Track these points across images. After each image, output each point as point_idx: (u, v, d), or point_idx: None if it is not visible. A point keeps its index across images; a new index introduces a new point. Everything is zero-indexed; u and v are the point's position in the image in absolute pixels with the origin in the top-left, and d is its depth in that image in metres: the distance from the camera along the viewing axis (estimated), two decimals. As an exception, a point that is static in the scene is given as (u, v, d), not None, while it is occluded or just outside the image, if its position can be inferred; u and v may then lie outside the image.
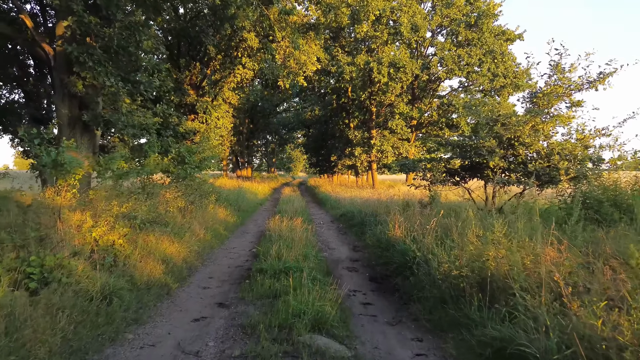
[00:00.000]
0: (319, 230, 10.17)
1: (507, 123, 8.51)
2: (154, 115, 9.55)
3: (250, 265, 6.25)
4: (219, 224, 9.66)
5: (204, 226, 8.89)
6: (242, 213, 13.01)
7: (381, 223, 8.50)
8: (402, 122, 19.43)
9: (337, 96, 25.70)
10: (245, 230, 10.05)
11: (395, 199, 13.40)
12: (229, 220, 10.75)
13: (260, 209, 15.63)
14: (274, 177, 46.33)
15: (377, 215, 9.44)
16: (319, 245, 8.02)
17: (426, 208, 8.48)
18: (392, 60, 17.35)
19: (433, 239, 5.63)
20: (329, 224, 11.54)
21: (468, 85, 21.28)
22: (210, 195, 11.12)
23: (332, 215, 13.58)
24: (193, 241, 7.30)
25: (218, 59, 19.58)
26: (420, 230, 6.47)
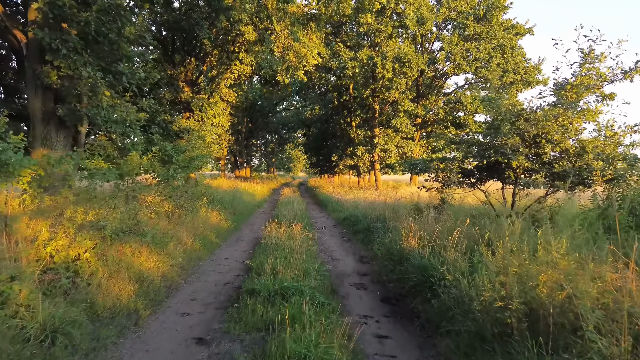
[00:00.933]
0: (321, 237, 9.26)
1: (531, 118, 7.61)
2: (139, 111, 8.65)
3: (241, 282, 5.34)
4: (211, 230, 8.75)
5: (193, 233, 7.98)
6: (238, 217, 12.10)
7: (391, 230, 7.59)
8: (406, 120, 18.53)
9: (338, 94, 24.80)
10: (240, 237, 9.14)
11: (402, 202, 12.51)
12: (222, 225, 9.84)
13: (258, 211, 14.72)
14: (273, 178, 45.42)
15: (385, 220, 8.54)
16: (321, 256, 7.11)
17: (442, 214, 7.56)
18: (397, 55, 16.44)
19: (459, 253, 4.72)
20: (331, 229, 10.63)
21: (475, 82, 20.38)
22: (201, 198, 10.21)
23: (334, 218, 12.67)
24: (178, 252, 6.39)
25: (214, 54, 18.70)
26: (440, 240, 5.56)
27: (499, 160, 8.18)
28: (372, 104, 20.60)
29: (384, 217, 9.12)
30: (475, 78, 20.30)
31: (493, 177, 8.75)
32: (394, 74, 16.83)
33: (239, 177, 35.10)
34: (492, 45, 17.14)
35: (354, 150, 21.92)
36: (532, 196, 8.42)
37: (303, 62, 13.70)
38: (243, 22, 14.39)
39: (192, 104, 18.04)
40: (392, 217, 8.83)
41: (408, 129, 18.40)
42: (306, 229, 8.79)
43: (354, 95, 24.35)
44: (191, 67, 19.07)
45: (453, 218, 6.99)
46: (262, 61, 13.05)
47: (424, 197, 13.27)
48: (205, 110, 18.36)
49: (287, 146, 61.42)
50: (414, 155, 20.53)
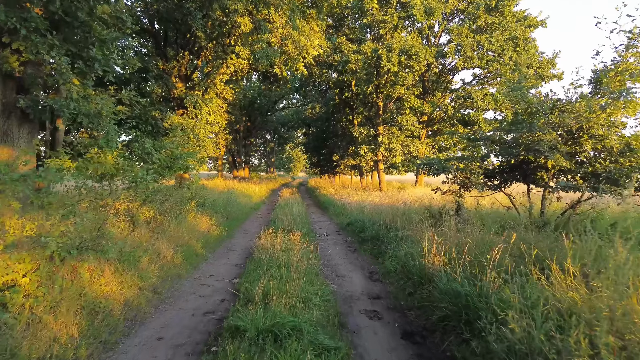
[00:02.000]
0: (323, 246, 8.17)
1: (568, 110, 6.53)
2: (118, 103, 7.58)
3: (226, 311, 4.27)
4: (197, 240, 7.67)
5: (175, 244, 6.91)
6: (231, 222, 11.02)
7: (405, 241, 6.52)
8: (413, 118, 17.46)
9: (339, 90, 23.73)
10: (231, 247, 8.05)
11: (412, 206, 11.44)
12: (212, 232, 8.76)
13: (254, 215, 13.65)
14: (272, 178, 44.34)
15: (397, 229, 7.46)
16: (323, 272, 6.03)
17: (466, 221, 6.49)
18: (403, 47, 15.37)
19: (500, 275, 3.64)
20: (334, 236, 9.55)
21: (483, 77, 19.30)
22: (189, 201, 9.14)
23: (337, 223, 11.59)
24: (152, 269, 5.31)
25: (209, 47, 17.64)
26: (473, 257, 4.49)
27: (527, 160, 7.14)
28: (376, 101, 19.52)
29: (396, 225, 8.04)
30: (483, 73, 19.23)
31: (518, 179, 7.69)
32: (400, 67, 15.75)
33: (237, 178, 34.08)
34: (504, 37, 16.07)
35: (357, 149, 20.83)
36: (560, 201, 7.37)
37: (303, 53, 12.63)
38: (239, 12, 13.35)
39: (186, 100, 17.01)
40: (405, 224, 7.75)
41: (414, 127, 17.33)
42: (306, 237, 7.72)
43: (357, 92, 23.27)
44: (185, 61, 18.02)
45: (481, 227, 5.92)
46: (258, 52, 11.97)
47: (435, 200, 12.20)
48: (200, 107, 17.32)
49: (286, 146, 60.37)
50: (419, 155, 19.47)
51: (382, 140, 18.08)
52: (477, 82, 20.22)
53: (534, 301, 3.14)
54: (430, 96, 19.57)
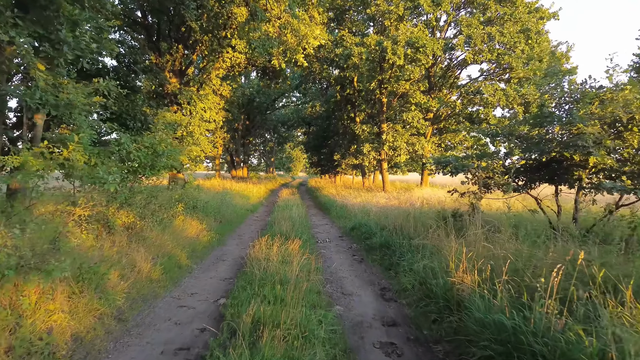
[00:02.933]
0: (325, 255, 7.26)
1: (612, 99, 5.62)
2: (94, 93, 6.68)
3: (205, 347, 3.36)
4: (183, 248, 6.76)
5: (157, 253, 6.00)
6: (225, 226, 10.10)
7: (421, 250, 5.61)
8: (418, 114, 16.55)
9: (341, 87, 22.85)
10: (222, 256, 7.13)
11: (420, 207, 10.55)
12: (201, 239, 7.85)
13: (250, 218, 12.73)
14: (272, 178, 43.43)
15: (410, 237, 6.54)
16: (327, 289, 5.11)
17: (490, 227, 5.57)
18: (409, 39, 14.46)
19: (560, 305, 2.73)
20: (337, 242, 8.64)
21: (491, 72, 18.36)
22: (176, 204, 8.22)
23: (339, 227, 10.68)
24: (121, 288, 4.40)
25: (204, 41, 16.74)
26: (514, 274, 3.59)
27: (558, 157, 6.25)
28: (379, 97, 18.61)
29: (407, 230, 7.12)
30: (492, 68, 18.30)
31: (546, 179, 6.79)
32: (406, 60, 14.84)
33: (236, 178, 33.21)
34: (516, 28, 15.16)
35: (359, 148, 19.92)
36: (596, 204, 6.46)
37: (303, 43, 11.71)
38: (235, 2, 12.44)
39: (180, 96, 16.13)
40: (419, 230, 6.84)
41: (420, 124, 16.41)
42: (307, 244, 6.81)
43: (359, 89, 22.39)
44: (179, 55, 17.13)
45: (512, 236, 5.00)
46: (254, 40, 11.06)
47: (446, 202, 11.29)
48: (195, 104, 16.44)
49: (286, 145, 59.48)
50: (424, 154, 18.56)
51: (386, 138, 17.17)
52: (484, 77, 19.29)
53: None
54: (436, 92, 18.66)
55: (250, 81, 34.96)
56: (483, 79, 19.28)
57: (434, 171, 7.81)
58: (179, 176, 17.59)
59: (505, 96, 15.28)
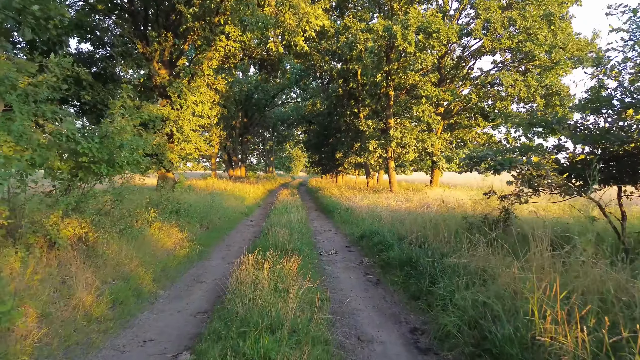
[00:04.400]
0: (331, 273, 5.80)
1: None
2: (39, 70, 5.24)
3: None
4: (151, 265, 5.31)
5: (112, 276, 4.57)
6: (212, 233, 8.65)
7: (462, 274, 4.16)
8: (430, 108, 15.10)
9: (343, 81, 21.39)
10: (200, 276, 5.66)
11: (436, 210, 9.12)
12: (178, 252, 6.40)
13: (244, 222, 11.27)
14: (271, 178, 42.01)
15: (441, 252, 5.07)
16: (336, 334, 3.64)
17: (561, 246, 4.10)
18: (421, 24, 13.01)
19: None
20: (344, 255, 7.19)
21: (509, 62, 16.86)
22: (148, 208, 6.76)
23: (345, 235, 9.22)
24: (31, 340, 2.96)
25: (196, 29, 15.30)
26: None
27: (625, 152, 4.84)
28: (386, 90, 17.14)
29: (433, 243, 5.65)
30: (508, 59, 16.82)
31: (618, 179, 5.34)
32: (417, 47, 13.38)
33: (233, 177, 31.80)
34: (539, 12, 13.70)
35: (364, 145, 18.48)
36: None
37: (303, 22, 10.25)
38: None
39: (169, 88, 14.68)
40: (449, 243, 5.38)
41: (432, 118, 14.95)
42: (307, 261, 5.37)
43: (363, 82, 20.91)
44: (168, 44, 15.67)
45: (596, 257, 3.54)
46: (246, 18, 9.60)
47: (468, 204, 9.84)
48: (185, 97, 14.99)
49: (286, 145, 58.03)
50: (434, 151, 17.10)
51: (394, 134, 15.70)
52: (497, 70, 17.80)
53: None
54: (448, 84, 17.21)
55: (248, 77, 33.54)
56: (496, 71, 17.79)
57: (464, 169, 6.36)
58: (168, 176, 16.16)
59: (526, 87, 13.82)
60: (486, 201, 10.03)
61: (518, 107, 17.08)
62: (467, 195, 12.20)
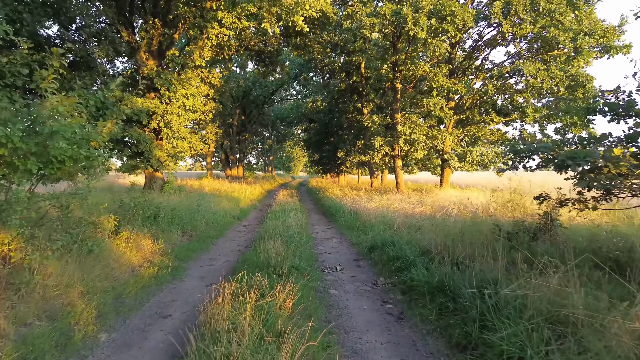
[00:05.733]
0: (338, 301, 4.47)
1: None
2: None
3: None
4: (98, 294, 3.99)
5: (32, 314, 3.25)
6: (195, 243, 7.31)
7: (530, 315, 2.82)
8: (442, 101, 13.78)
9: (346, 74, 20.08)
10: (165, 307, 4.29)
11: (456, 215, 7.82)
12: (144, 272, 5.07)
13: (236, 228, 9.93)
14: (270, 177, 40.68)
15: (486, 276, 3.74)
16: None
17: None
18: (434, 6, 11.70)
19: None
20: (352, 272, 5.86)
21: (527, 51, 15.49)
22: (107, 216, 5.43)
23: (352, 244, 7.88)
24: None
25: (187, 16, 13.98)
26: None
27: None
28: (393, 83, 15.81)
29: (469, 259, 4.32)
30: (520, 50, 15.47)
31: None
32: (429, 33, 12.06)
33: (230, 177, 30.51)
34: (564, -7, 12.37)
35: (368, 142, 17.16)
36: None
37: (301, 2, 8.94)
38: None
39: (157, 80, 13.38)
40: (493, 260, 4.05)
41: (444, 112, 13.63)
42: (308, 293, 4.06)
43: (366, 76, 19.60)
44: (156, 33, 14.36)
45: None
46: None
47: (493, 207, 8.53)
48: (174, 89, 13.67)
49: (286, 144, 56.69)
50: (445, 149, 15.77)
51: (402, 130, 14.37)
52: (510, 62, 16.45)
53: None
54: (459, 76, 15.87)
55: (245, 72, 32.23)
56: (509, 63, 16.44)
57: (507, 166, 5.03)
58: (157, 175, 14.84)
59: (550, 78, 12.48)
60: (514, 204, 8.73)
61: (533, 101, 15.74)
62: (485, 196, 10.89)
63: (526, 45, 15.50)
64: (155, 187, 14.38)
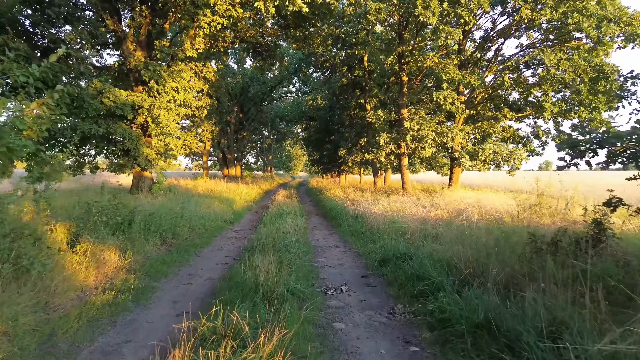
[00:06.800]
0: (344, 340, 3.37)
1: None
2: None
3: None
4: (14, 338, 2.90)
5: None
6: (173, 255, 6.20)
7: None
8: (452, 94, 12.70)
9: (348, 68, 19.00)
10: (110, 355, 3.23)
11: (478, 220, 6.74)
12: (96, 299, 3.97)
13: (226, 234, 8.83)
14: (269, 177, 39.61)
15: (564, 322, 2.65)
16: None
17: None
18: (446, -12, 10.61)
19: None
20: (362, 294, 4.77)
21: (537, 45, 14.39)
22: (57, 229, 4.35)
23: (359, 254, 6.79)
24: None
25: (177, 3, 12.86)
26: None
27: None
28: (399, 76, 14.72)
29: (514, 282, 3.23)
30: (534, 42, 14.36)
31: None
32: (441, 19, 10.97)
33: (227, 177, 29.43)
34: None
35: (371, 140, 16.07)
36: None
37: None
38: None
39: (144, 71, 12.30)
40: (563, 287, 2.96)
41: (456, 106, 12.53)
42: (306, 333, 2.96)
43: (370, 70, 18.51)
44: (145, 22, 13.31)
45: None
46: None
47: (514, 211, 7.43)
48: (164, 82, 12.57)
49: (285, 143, 55.57)
50: (454, 146, 14.69)
51: (410, 125, 13.27)
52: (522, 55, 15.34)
53: None
54: (471, 68, 14.77)
55: (243, 69, 31.15)
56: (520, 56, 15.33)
57: (566, 162, 3.94)
58: (145, 175, 13.75)
59: (573, 68, 11.39)
60: (544, 209, 7.64)
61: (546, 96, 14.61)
62: (503, 199, 9.81)
63: (541, 36, 14.40)
64: (143, 187, 13.29)
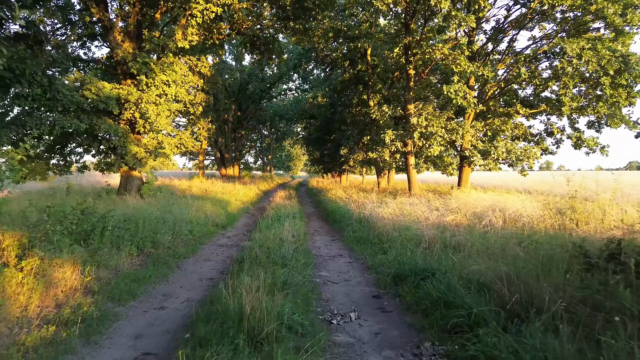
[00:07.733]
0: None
1: None
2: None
3: None
4: None
5: None
6: (149, 269, 5.25)
7: None
8: (464, 88, 11.75)
9: (350, 63, 18.06)
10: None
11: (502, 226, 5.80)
12: (28, 337, 3.05)
13: (216, 240, 7.88)
14: (268, 177, 38.69)
15: None
16: None
17: None
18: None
19: None
20: (377, 324, 3.83)
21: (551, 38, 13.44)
22: None
23: (367, 267, 5.84)
24: None
25: (168, -10, 11.85)
26: None
27: None
28: (406, 68, 13.77)
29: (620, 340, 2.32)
30: (547, 35, 13.40)
31: None
32: (453, 4, 10.04)
33: (225, 177, 28.51)
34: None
35: (375, 138, 15.15)
36: None
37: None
38: None
39: (132, 63, 11.35)
40: None
41: (467, 101, 11.60)
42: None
43: (373, 64, 17.56)
44: (134, 11, 12.36)
45: None
46: None
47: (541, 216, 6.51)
48: (153, 75, 11.60)
49: (285, 142, 54.58)
50: (464, 144, 13.78)
51: (418, 121, 12.33)
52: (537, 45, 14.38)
53: None
54: (483, 59, 13.81)
55: (241, 65, 30.19)
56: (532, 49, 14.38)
57: None
58: (133, 175, 12.80)
59: (597, 59, 10.46)
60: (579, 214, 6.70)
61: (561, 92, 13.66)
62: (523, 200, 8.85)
63: (555, 27, 13.42)
64: (131, 188, 12.34)
